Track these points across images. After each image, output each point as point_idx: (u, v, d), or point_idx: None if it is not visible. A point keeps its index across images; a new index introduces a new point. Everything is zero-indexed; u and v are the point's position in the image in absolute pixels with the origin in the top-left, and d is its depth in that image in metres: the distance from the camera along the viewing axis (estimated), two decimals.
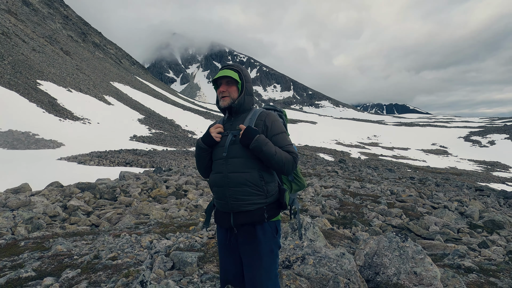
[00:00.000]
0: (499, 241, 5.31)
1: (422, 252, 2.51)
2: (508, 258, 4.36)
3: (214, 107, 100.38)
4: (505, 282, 2.83)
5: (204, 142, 1.84)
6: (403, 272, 2.37)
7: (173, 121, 54.46)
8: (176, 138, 40.29)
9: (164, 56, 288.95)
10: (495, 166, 41.68)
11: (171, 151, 29.77)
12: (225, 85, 1.81)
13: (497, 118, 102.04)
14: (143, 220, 4.81)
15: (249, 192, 1.69)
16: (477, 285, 2.73)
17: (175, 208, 6.36)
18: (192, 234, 3.43)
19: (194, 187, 9.20)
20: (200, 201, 6.90)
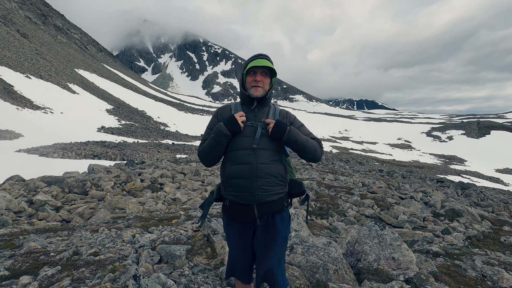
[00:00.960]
0: (459, 228, 5.82)
1: (399, 239, 2.69)
2: (468, 242, 4.80)
3: (188, 99, 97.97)
4: (468, 264, 3.12)
5: (228, 129, 1.73)
6: (383, 258, 2.53)
7: (144, 112, 52.39)
8: (147, 130, 38.87)
9: (134, 44, 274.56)
10: (453, 159, 45.13)
11: (142, 143, 28.70)
12: (260, 75, 1.78)
13: (455, 115, 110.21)
14: (120, 215, 4.63)
15: (275, 183, 1.73)
16: (444, 267, 2.98)
17: (152, 201, 6.19)
18: (176, 227, 3.37)
19: (171, 180, 8.99)
20: (178, 195, 6.77)
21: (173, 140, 34.84)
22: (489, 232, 5.58)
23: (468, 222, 6.37)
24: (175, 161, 16.79)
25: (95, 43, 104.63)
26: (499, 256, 3.90)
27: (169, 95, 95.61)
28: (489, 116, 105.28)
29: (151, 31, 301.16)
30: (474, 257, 3.45)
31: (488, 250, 4.21)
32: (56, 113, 33.57)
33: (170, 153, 24.42)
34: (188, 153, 25.52)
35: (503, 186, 30.22)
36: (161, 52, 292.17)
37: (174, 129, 44.75)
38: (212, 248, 2.62)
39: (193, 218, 3.93)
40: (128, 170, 10.80)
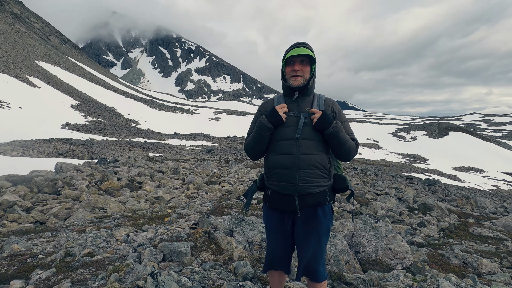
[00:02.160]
0: (432, 221, 6.24)
1: (393, 230, 2.83)
2: (443, 233, 5.16)
3: (161, 96, 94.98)
4: (450, 253, 3.36)
5: (270, 121, 1.73)
6: (380, 249, 2.64)
7: (113, 109, 49.87)
8: (117, 127, 37.07)
9: (102, 37, 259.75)
10: (416, 158, 48.12)
11: (112, 141, 27.32)
12: (299, 64, 1.75)
13: (418, 117, 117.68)
14: (102, 214, 4.37)
15: (318, 175, 1.70)
16: (431, 256, 3.19)
17: (133, 200, 5.92)
18: (170, 225, 3.26)
19: (149, 179, 8.67)
20: (160, 193, 6.55)
21: (145, 138, 33.60)
22: (459, 224, 6.05)
23: (439, 215, 6.84)
24: (150, 159, 16.24)
25: (58, 34, 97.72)
26: (472, 245, 4.24)
27: (140, 92, 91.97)
28: (448, 118, 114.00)
29: (121, 24, 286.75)
30: (453, 247, 3.73)
31: (461, 240, 4.56)
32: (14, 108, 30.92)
33: (142, 152, 23.51)
34: (162, 151, 24.75)
35: (460, 183, 32.84)
36: (131, 47, 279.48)
37: (146, 127, 43.15)
38: (217, 244, 2.56)
39: (184, 216, 3.82)
40: (100, 169, 10.26)
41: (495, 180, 36.91)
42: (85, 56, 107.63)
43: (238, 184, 8.85)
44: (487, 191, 29.59)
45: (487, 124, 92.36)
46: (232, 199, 6.57)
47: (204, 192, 7.51)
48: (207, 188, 7.88)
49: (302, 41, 1.81)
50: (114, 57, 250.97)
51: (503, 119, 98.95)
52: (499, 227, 6.59)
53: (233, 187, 8.09)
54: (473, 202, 9.68)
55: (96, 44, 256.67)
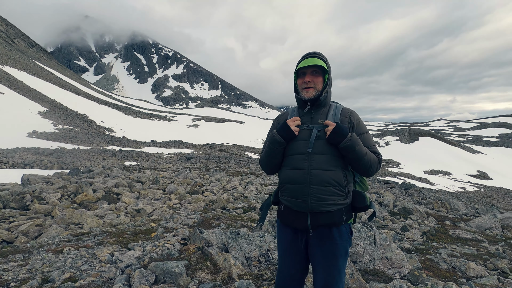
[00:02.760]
0: (414, 225, 6.42)
1: (387, 239, 2.84)
2: (425, 237, 5.31)
3: (136, 102, 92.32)
4: (438, 258, 3.43)
5: (281, 135, 1.65)
6: (377, 258, 2.63)
7: (85, 116, 47.60)
8: (89, 135, 35.35)
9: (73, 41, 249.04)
10: (390, 163, 50.11)
11: (84, 150, 25.95)
12: (310, 75, 1.67)
13: (391, 123, 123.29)
14: (80, 231, 4.04)
15: (331, 192, 1.59)
16: (422, 262, 3.23)
17: (112, 214, 5.57)
18: (158, 241, 3.05)
19: (128, 190, 8.25)
20: (141, 205, 6.23)
21: (120, 146, 32.29)
22: (438, 227, 6.27)
23: (419, 219, 7.07)
24: (127, 168, 15.58)
25: (25, 37, 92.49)
26: (455, 248, 4.38)
27: (115, 98, 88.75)
28: (417, 124, 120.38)
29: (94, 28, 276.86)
30: (440, 251, 3.82)
31: (444, 243, 4.70)
32: None
33: (117, 160, 22.52)
34: (138, 160, 23.87)
35: (431, 185, 34.53)
36: (105, 52, 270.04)
37: (121, 135, 41.54)
38: (212, 262, 2.42)
39: (171, 230, 3.61)
40: (74, 180, 9.66)
41: (461, 182, 39.26)
42: (55, 60, 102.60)
43: (222, 193, 8.66)
44: (455, 192, 31.35)
45: (453, 129, 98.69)
46: (217, 209, 6.39)
47: (187, 202, 7.25)
48: (190, 198, 7.62)
49: (314, 51, 1.73)
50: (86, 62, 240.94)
51: (467, 124, 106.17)
52: (473, 228, 6.92)
53: (216, 197, 7.90)
54: (447, 205, 10.14)
55: (66, 48, 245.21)
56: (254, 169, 18.52)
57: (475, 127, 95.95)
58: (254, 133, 63.36)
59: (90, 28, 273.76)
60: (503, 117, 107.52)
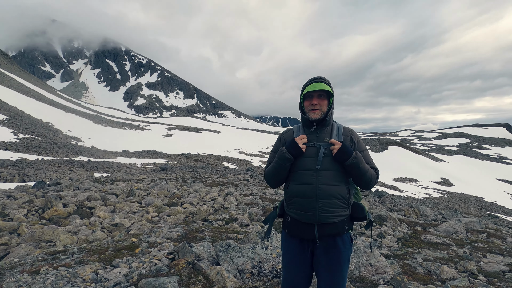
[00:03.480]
0: (389, 231, 6.73)
1: (369, 246, 2.96)
2: (400, 243, 5.58)
3: (107, 111, 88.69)
4: (415, 263, 3.63)
5: (290, 152, 1.79)
6: (362, 265, 2.74)
7: (50, 125, 44.82)
8: (55, 145, 33.25)
9: (38, 45, 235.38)
10: None
11: (49, 160, 24.33)
12: (317, 98, 1.82)
13: (362, 133, 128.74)
14: (54, 249, 3.77)
15: (337, 205, 1.74)
16: (401, 266, 3.40)
17: (86, 229, 5.26)
18: (144, 257, 2.94)
19: (102, 203, 7.85)
20: (118, 219, 5.95)
21: (89, 156, 30.67)
22: (411, 233, 6.62)
23: (393, 225, 7.42)
24: (97, 180, 14.84)
25: None
26: (428, 252, 4.65)
27: (83, 106, 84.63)
28: (386, 134, 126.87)
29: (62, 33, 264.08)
30: (415, 256, 4.05)
31: (418, 248, 4.98)
32: None
33: (86, 172, 21.34)
34: (109, 171, 22.80)
35: (400, 192, 36.31)
36: (73, 58, 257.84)
37: (90, 144, 39.51)
38: (205, 276, 2.38)
39: (154, 244, 3.50)
40: (40, 194, 9.04)
41: (427, 188, 41.70)
42: (17, 65, 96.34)
43: (201, 205, 8.52)
44: (422, 199, 33.21)
45: (418, 139, 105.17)
46: (198, 221, 6.27)
47: (166, 215, 7.04)
48: (169, 211, 7.41)
49: (320, 76, 1.88)
50: (52, 68, 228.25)
51: (430, 134, 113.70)
52: (442, 233, 7.38)
53: (196, 208, 7.75)
54: (417, 211, 10.73)
55: (30, 53, 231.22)
56: (232, 179, 18.40)
57: (437, 137, 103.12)
58: (230, 142, 63.21)
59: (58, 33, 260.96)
60: (461, 128, 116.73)
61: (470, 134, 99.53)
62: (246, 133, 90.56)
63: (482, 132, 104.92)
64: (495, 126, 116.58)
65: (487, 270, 3.86)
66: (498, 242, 6.54)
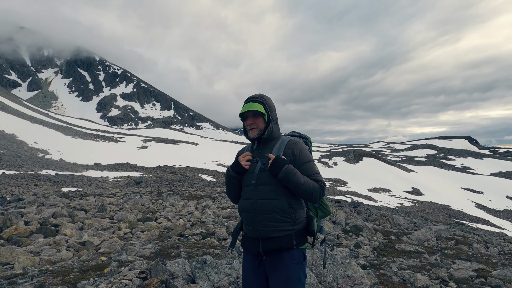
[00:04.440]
0: (365, 241, 6.85)
1: (347, 257, 2.99)
2: (376, 253, 5.69)
3: (78, 122, 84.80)
4: (390, 272, 3.70)
5: (233, 170, 1.85)
6: (339, 277, 2.74)
7: (14, 136, 41.96)
8: (19, 158, 31.06)
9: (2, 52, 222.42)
10: (338, 182, 53.33)
11: (11, 175, 22.63)
12: (252, 118, 1.85)
13: (337, 145, 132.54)
14: (11, 272, 3.42)
15: (277, 219, 1.73)
16: (377, 276, 3.45)
17: (50, 249, 4.86)
18: (113, 277, 2.74)
19: (69, 220, 7.35)
20: (86, 236, 5.57)
21: (57, 170, 28.90)
22: (386, 242, 6.78)
23: (369, 235, 7.57)
24: (65, 195, 13.96)
25: None
26: (402, 261, 4.77)
27: (52, 117, 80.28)
28: (360, 146, 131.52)
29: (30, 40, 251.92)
30: (390, 265, 4.13)
31: (392, 257, 5.09)
32: None
33: (52, 186, 20.04)
34: (79, 185, 21.58)
35: (374, 202, 37.43)
36: (42, 66, 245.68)
37: (58, 157, 37.31)
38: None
39: (125, 263, 3.28)
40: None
41: (400, 198, 43.39)
42: None
43: (177, 219, 8.23)
44: (395, 208, 34.44)
45: (390, 150, 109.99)
46: (173, 236, 6.03)
47: (139, 231, 6.71)
48: (142, 226, 7.08)
49: (253, 96, 1.93)
50: (18, 77, 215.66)
51: (401, 146, 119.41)
52: (414, 241, 7.64)
53: (172, 223, 7.47)
54: (391, 220, 11.07)
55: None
56: (209, 192, 18.05)
57: (407, 148, 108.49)
58: (208, 154, 62.49)
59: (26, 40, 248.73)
60: (429, 140, 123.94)
61: (436, 145, 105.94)
62: (224, 145, 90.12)
63: (447, 144, 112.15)
64: (458, 138, 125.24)
65: (457, 277, 4.02)
66: (465, 248, 6.87)
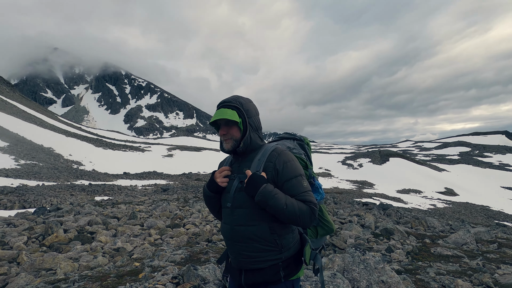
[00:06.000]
0: (397, 245, 6.56)
1: (381, 261, 2.88)
2: (410, 257, 5.42)
3: (108, 134, 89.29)
4: (428, 277, 3.51)
5: (208, 188, 1.57)
6: (374, 283, 2.64)
7: (51, 150, 44.97)
8: (56, 170, 33.21)
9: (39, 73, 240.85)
10: (364, 184, 51.64)
11: (49, 186, 24.22)
12: (224, 127, 1.53)
13: (362, 146, 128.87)
14: (54, 277, 3.66)
15: (258, 248, 1.42)
16: (413, 282, 3.29)
17: (87, 255, 5.14)
18: (147, 282, 2.85)
19: (103, 227, 7.72)
20: (120, 243, 5.82)
21: (90, 180, 30.53)
22: (420, 246, 6.45)
23: (401, 239, 7.24)
24: (98, 204, 14.68)
25: None
26: (440, 266, 4.51)
27: (84, 130, 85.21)
28: (386, 146, 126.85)
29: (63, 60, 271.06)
30: (427, 270, 3.92)
31: (429, 262, 4.83)
32: None
33: (87, 196, 21.18)
34: (110, 194, 22.63)
35: (404, 204, 35.79)
36: (74, 83, 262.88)
37: (91, 168, 39.43)
38: None
39: (158, 268, 3.40)
40: (41, 220, 8.90)
41: (432, 199, 41.16)
42: (19, 93, 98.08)
43: (204, 225, 8.37)
44: (427, 210, 32.71)
45: (418, 149, 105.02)
46: (201, 242, 6.14)
47: (169, 237, 6.90)
48: (171, 233, 7.27)
49: (225, 99, 1.58)
50: (53, 94, 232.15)
51: (430, 144, 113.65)
52: (451, 244, 7.19)
53: (199, 229, 7.61)
54: (424, 223, 10.53)
55: (32, 80, 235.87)
56: None
57: (438, 147, 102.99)
58: None
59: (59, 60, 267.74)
60: (461, 137, 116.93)
61: (470, 142, 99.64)
62: None
63: (482, 140, 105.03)
64: (494, 133, 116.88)
65: (503, 283, 3.73)
66: (510, 252, 6.36)
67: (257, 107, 1.67)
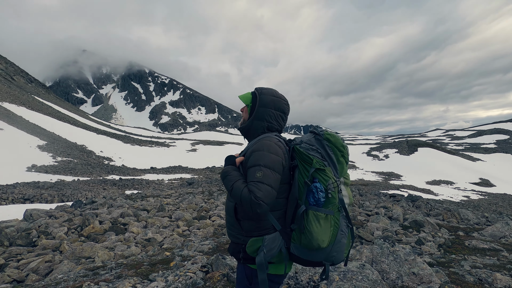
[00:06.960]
0: (428, 237, 6.31)
1: (411, 253, 2.80)
2: (442, 250, 5.21)
3: (135, 130, 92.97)
4: (463, 271, 3.36)
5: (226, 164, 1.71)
6: (404, 275, 2.58)
7: (84, 147, 47.71)
8: (89, 166, 35.22)
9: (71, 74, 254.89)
10: (391, 175, 49.94)
11: (84, 181, 25.79)
12: (244, 105, 1.75)
13: (388, 136, 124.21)
14: (93, 265, 3.94)
15: (229, 222, 1.63)
16: (447, 275, 3.16)
17: (121, 245, 5.46)
18: (179, 270, 2.99)
19: (134, 219, 8.13)
20: (150, 234, 6.11)
21: (120, 175, 32.10)
22: (453, 239, 6.16)
23: (432, 231, 6.96)
24: (129, 197, 15.42)
25: (24, 74, 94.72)
26: (475, 259, 4.30)
27: (113, 127, 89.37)
28: (414, 135, 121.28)
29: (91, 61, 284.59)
30: (462, 263, 3.75)
31: (463, 255, 4.61)
32: None
33: (118, 190, 22.34)
34: (139, 187, 23.68)
35: (435, 196, 34.20)
36: (102, 83, 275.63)
37: (120, 163, 41.41)
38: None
39: (187, 258, 3.54)
40: (78, 212, 9.52)
41: (465, 191, 38.94)
42: (53, 94, 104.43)
43: None
44: (460, 202, 31.04)
45: (450, 138, 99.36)
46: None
47: (196, 228, 7.13)
48: (198, 224, 7.50)
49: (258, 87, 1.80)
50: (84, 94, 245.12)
51: (463, 133, 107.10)
52: (488, 237, 6.80)
53: (225, 221, 7.78)
54: (457, 215, 10.02)
55: (64, 82, 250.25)
56: None
57: (471, 135, 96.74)
58: None
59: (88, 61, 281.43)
60: (498, 124, 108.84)
61: (508, 129, 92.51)
62: None
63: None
64: None
65: None
66: None
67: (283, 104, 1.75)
